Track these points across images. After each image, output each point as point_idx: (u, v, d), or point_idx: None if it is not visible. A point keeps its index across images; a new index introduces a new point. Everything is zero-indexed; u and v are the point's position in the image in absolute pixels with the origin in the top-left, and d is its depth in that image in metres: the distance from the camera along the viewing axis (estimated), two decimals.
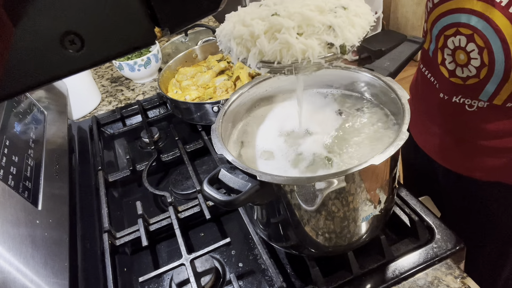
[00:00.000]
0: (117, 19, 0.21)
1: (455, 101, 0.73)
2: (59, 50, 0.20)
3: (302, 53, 0.40)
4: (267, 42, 0.41)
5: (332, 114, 0.62)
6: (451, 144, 0.80)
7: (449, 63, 0.70)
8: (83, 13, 0.20)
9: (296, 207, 0.49)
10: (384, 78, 0.56)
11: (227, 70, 1.00)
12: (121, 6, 0.20)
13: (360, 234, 0.53)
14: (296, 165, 0.54)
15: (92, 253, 0.67)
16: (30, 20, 0.19)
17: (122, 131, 1.01)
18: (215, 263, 0.64)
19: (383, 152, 0.44)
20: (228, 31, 0.44)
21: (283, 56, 0.40)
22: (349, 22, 0.41)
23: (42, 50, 0.20)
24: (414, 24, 2.80)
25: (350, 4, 0.43)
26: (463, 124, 0.75)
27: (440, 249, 0.58)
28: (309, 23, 0.40)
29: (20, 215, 0.51)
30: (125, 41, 0.22)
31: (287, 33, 0.40)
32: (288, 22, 0.40)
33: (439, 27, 0.69)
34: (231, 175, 0.47)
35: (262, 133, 0.62)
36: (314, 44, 0.40)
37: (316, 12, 0.41)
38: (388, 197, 0.52)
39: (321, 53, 0.41)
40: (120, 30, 0.21)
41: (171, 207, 0.71)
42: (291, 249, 0.58)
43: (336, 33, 0.40)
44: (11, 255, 0.46)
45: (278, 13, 0.41)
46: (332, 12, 0.41)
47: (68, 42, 0.20)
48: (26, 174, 0.57)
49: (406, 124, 0.47)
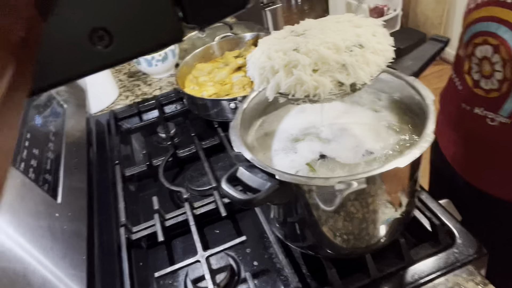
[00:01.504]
0: (145, 14, 0.20)
1: (477, 113, 0.70)
2: (88, 46, 0.20)
3: (314, 89, 0.42)
4: (285, 76, 0.44)
5: (340, 104, 0.61)
6: (471, 155, 0.77)
7: (475, 72, 0.68)
8: (112, 8, 0.20)
9: (315, 207, 0.48)
10: (408, 77, 0.55)
11: (244, 67, 0.99)
12: (150, 2, 0.20)
13: (380, 237, 0.52)
14: (314, 165, 0.53)
15: (109, 246, 0.68)
16: (60, 15, 0.18)
17: (139, 126, 1.01)
18: (230, 261, 0.64)
19: (407, 154, 0.42)
20: (255, 60, 0.48)
21: (297, 90, 0.43)
22: (364, 60, 0.43)
23: (71, 45, 0.19)
24: (434, 22, 2.73)
25: (371, 40, 0.44)
26: (483, 137, 0.72)
27: (461, 255, 0.56)
28: (325, 61, 0.42)
29: (40, 207, 0.51)
30: (153, 37, 0.21)
31: (302, 70, 0.42)
32: (305, 60, 0.43)
33: (470, 33, 0.67)
34: (249, 174, 0.47)
35: (280, 131, 0.61)
36: (326, 81, 0.42)
37: (333, 50, 0.43)
38: (409, 200, 0.51)
39: (332, 90, 0.43)
40: (148, 26, 0.21)
41: (187, 203, 0.71)
42: (308, 250, 0.57)
43: (348, 71, 0.42)
44: (31, 246, 0.46)
45: (299, 49, 0.44)
46: (348, 51, 0.43)
47: (97, 38, 0.20)
48: (46, 167, 0.57)
49: (431, 126, 0.45)
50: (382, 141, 0.54)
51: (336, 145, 0.56)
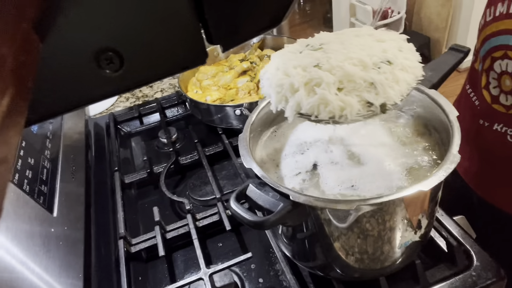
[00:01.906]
0: (164, 34, 0.17)
1: (496, 129, 0.67)
2: (94, 69, 0.16)
3: (340, 110, 0.38)
4: (306, 95, 0.39)
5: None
6: (486, 171, 0.74)
7: (494, 87, 0.64)
8: (123, 27, 0.16)
9: (326, 223, 0.45)
10: (428, 90, 0.52)
11: (250, 71, 0.96)
12: (170, 19, 0.17)
13: (396, 261, 0.49)
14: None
15: (107, 260, 0.64)
16: (61, 35, 0.15)
17: (139, 129, 0.98)
18: (234, 278, 0.61)
19: (432, 177, 0.39)
20: (270, 76, 0.43)
21: (320, 111, 0.39)
22: (393, 78, 0.39)
23: (74, 70, 0.16)
24: (438, 25, 2.71)
25: (398, 56, 0.40)
26: (501, 154, 0.69)
27: (480, 278, 0.54)
28: (350, 79, 0.38)
29: (35, 223, 0.48)
30: (172, 60, 0.18)
31: (327, 89, 0.38)
32: (329, 77, 0.38)
33: (487, 47, 0.63)
34: (260, 192, 0.44)
35: (292, 139, 0.58)
36: (353, 102, 0.38)
37: (359, 67, 0.39)
38: (429, 222, 0.48)
39: (360, 111, 0.39)
40: (167, 47, 0.17)
41: (189, 214, 0.68)
42: (317, 270, 0.54)
43: (377, 90, 0.38)
44: (24, 268, 0.43)
45: (320, 65, 0.40)
46: (376, 68, 0.39)
47: (104, 60, 0.16)
48: (42, 178, 0.54)
49: (456, 145, 0.42)
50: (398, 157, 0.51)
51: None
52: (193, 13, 0.17)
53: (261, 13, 0.19)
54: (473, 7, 2.45)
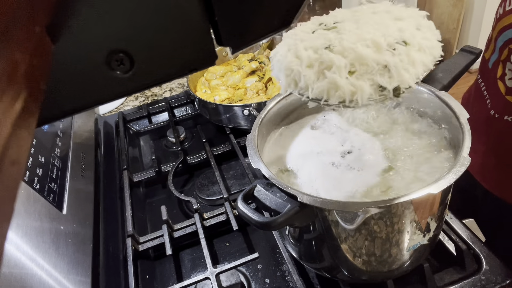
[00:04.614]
0: (174, 36, 0.17)
1: (507, 120, 0.66)
2: (104, 70, 0.16)
3: (350, 95, 0.37)
4: (316, 78, 0.38)
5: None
6: (494, 164, 0.73)
7: (509, 79, 0.64)
8: (134, 29, 0.16)
9: (334, 225, 0.44)
10: (439, 92, 0.51)
11: (258, 71, 0.96)
12: (179, 21, 0.17)
13: (404, 264, 0.49)
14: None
15: (114, 258, 0.65)
16: (73, 37, 0.15)
17: (148, 128, 0.98)
18: (241, 277, 0.61)
19: (441, 180, 0.39)
20: (280, 58, 0.41)
21: (330, 96, 0.37)
22: (409, 60, 0.37)
23: (85, 71, 0.16)
24: (449, 26, 2.68)
25: (416, 35, 0.38)
26: (510, 145, 0.68)
27: (489, 282, 0.53)
28: (363, 62, 0.36)
29: (45, 220, 0.48)
30: (181, 61, 0.18)
31: (337, 72, 0.36)
32: (340, 60, 0.37)
33: (505, 38, 0.63)
34: (268, 193, 0.44)
35: (297, 145, 0.58)
36: (364, 86, 0.36)
37: (372, 48, 0.37)
38: (438, 224, 0.47)
39: (371, 95, 0.37)
40: (176, 49, 0.17)
41: (197, 214, 0.68)
42: (324, 272, 0.54)
43: (391, 73, 0.36)
44: (34, 264, 0.44)
45: (332, 47, 0.38)
46: (391, 49, 0.37)
47: (115, 62, 0.17)
48: (52, 176, 0.55)
49: (467, 147, 0.42)
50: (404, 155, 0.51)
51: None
52: (203, 15, 0.17)
53: (271, 15, 0.19)
54: (485, 8, 2.41)
